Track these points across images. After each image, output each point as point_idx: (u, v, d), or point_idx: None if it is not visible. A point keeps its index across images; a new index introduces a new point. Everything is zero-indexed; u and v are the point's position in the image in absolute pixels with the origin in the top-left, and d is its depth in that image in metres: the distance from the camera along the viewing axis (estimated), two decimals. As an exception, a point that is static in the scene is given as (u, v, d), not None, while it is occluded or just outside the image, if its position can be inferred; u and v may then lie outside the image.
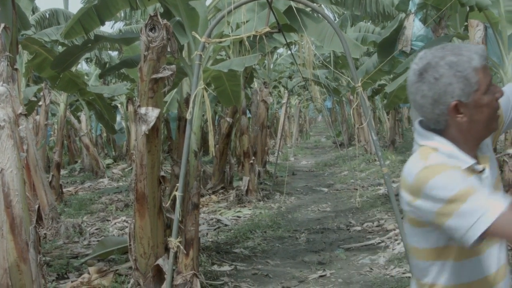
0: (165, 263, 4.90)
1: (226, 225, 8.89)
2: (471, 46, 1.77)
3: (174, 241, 4.58)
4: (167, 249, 5.01)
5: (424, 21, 7.86)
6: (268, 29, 4.72)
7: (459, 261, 1.78)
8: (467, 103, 1.72)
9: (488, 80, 1.74)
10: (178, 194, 4.55)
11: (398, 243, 6.86)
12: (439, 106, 1.73)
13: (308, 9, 6.70)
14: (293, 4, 6.05)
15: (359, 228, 8.40)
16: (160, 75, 4.66)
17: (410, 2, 8.18)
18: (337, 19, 11.66)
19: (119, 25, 15.84)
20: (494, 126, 1.81)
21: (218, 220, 9.23)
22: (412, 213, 1.79)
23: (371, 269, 6.24)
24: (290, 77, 18.95)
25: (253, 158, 11.22)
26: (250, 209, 10.10)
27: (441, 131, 1.80)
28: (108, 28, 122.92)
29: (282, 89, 22.06)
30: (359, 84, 4.38)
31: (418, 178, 1.71)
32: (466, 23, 6.91)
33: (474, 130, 1.76)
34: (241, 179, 11.63)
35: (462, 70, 1.70)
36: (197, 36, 4.67)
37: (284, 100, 18.76)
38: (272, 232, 8.28)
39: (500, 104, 1.83)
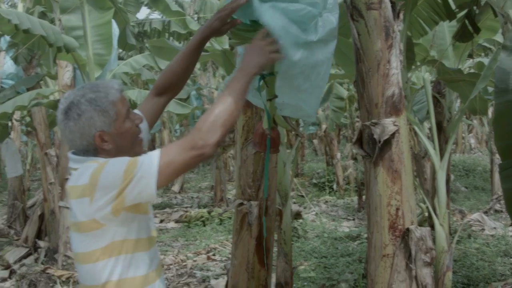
0: None
1: None
2: (108, 82, 2.04)
3: None
4: None
5: (15, 59, 7.70)
6: None
7: (133, 253, 1.96)
8: (109, 132, 1.95)
9: (126, 109, 2.01)
10: None
11: None
12: (86, 138, 1.94)
13: None
14: None
15: None
16: None
17: (2, 38, 7.95)
18: None
19: None
20: (138, 150, 2.06)
21: None
22: (86, 217, 1.89)
23: None
24: None
25: None
26: None
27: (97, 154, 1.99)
28: None
29: None
30: None
31: (93, 172, 1.86)
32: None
33: (122, 154, 1.95)
34: None
35: (100, 105, 1.94)
36: None
37: None
38: None
39: (142, 129, 2.12)
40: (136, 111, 2.20)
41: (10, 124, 9.24)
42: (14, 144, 9.25)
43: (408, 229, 2.40)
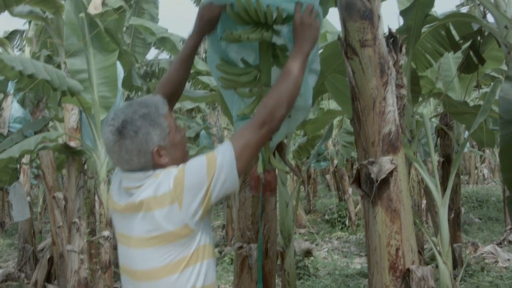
0: None
1: None
2: (153, 97, 2.03)
3: None
4: None
5: (22, 103, 7.76)
6: None
7: (210, 258, 1.96)
8: (165, 145, 1.95)
9: (174, 121, 2.03)
10: None
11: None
12: (144, 154, 1.92)
13: None
14: None
15: None
16: None
17: (9, 83, 8.02)
18: None
19: None
20: (187, 159, 1.99)
21: None
22: (176, 224, 1.85)
23: None
24: None
25: None
26: None
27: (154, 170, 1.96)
28: None
29: None
30: None
31: (176, 178, 1.86)
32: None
33: (175, 165, 1.95)
34: None
35: (154, 119, 1.93)
36: None
37: None
38: None
39: None
40: None
41: (18, 167, 9.27)
42: (22, 188, 9.25)
43: (408, 269, 2.33)
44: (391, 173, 2.36)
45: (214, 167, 1.85)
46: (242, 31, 2.23)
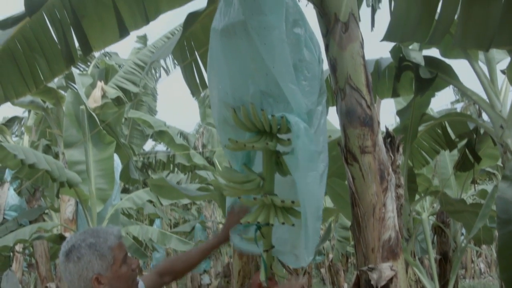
0: None
1: None
2: (109, 228, 2.13)
3: None
4: None
5: (18, 191, 7.76)
6: None
7: None
8: (106, 275, 2.02)
9: (123, 254, 2.09)
10: None
11: None
12: (84, 280, 2.00)
13: None
14: None
15: None
16: None
17: (7, 170, 8.05)
18: None
19: None
20: None
21: None
22: None
23: None
24: None
25: None
26: None
27: None
28: None
29: None
30: None
31: None
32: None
33: None
34: None
35: (99, 249, 2.03)
36: None
37: None
38: None
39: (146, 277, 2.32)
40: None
41: (11, 255, 9.14)
42: (15, 276, 9.08)
43: None
44: (391, 279, 2.34)
45: None
46: (246, 140, 2.25)
